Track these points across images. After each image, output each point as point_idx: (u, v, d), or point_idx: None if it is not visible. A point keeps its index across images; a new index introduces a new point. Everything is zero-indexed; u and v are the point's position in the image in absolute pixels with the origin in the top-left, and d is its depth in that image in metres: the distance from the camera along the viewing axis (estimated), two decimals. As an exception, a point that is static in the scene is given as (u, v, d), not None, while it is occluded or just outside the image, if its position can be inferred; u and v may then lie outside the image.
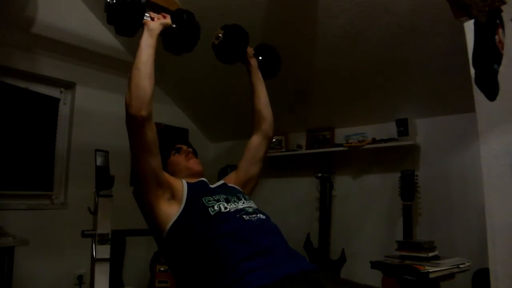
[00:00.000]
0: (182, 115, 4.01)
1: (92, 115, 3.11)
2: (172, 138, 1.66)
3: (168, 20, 1.43)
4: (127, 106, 1.24)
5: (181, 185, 1.34)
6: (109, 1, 1.32)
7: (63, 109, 3.11)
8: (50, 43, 2.90)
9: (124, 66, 3.43)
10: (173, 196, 1.31)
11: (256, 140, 1.63)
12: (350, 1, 2.28)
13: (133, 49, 3.63)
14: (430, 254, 2.07)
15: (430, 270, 1.89)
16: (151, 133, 1.25)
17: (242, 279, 1.07)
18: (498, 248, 1.55)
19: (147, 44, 1.35)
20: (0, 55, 2.66)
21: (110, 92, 3.32)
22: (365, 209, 3.17)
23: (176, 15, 1.48)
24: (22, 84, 2.87)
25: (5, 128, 2.77)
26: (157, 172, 1.27)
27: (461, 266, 2.00)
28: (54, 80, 3.01)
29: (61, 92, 3.11)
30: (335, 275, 2.86)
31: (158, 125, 4.07)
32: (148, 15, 1.40)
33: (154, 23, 1.38)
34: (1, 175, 2.71)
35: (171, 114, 3.86)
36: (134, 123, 1.22)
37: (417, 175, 2.79)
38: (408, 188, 2.74)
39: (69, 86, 3.13)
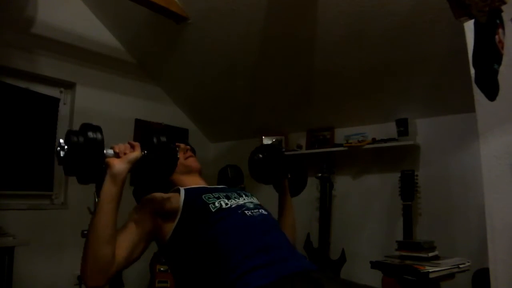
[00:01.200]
0: (182, 115, 4.01)
1: (92, 115, 3.11)
2: (170, 137, 1.62)
3: (137, 152, 1.14)
4: (83, 277, 1.04)
5: (178, 197, 1.29)
6: (58, 151, 1.04)
7: (63, 109, 3.11)
8: (50, 43, 2.90)
9: (124, 66, 3.44)
10: (170, 214, 1.25)
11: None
12: (350, 1, 2.28)
13: (133, 49, 3.65)
14: (430, 254, 2.07)
15: (430, 270, 1.89)
16: (118, 265, 1.11)
17: (243, 278, 1.07)
18: (498, 248, 1.55)
19: (109, 198, 1.08)
20: (0, 55, 2.66)
21: (110, 92, 3.32)
22: (365, 209, 3.16)
23: (145, 141, 1.18)
24: (22, 84, 2.87)
25: (5, 128, 2.77)
26: (148, 236, 1.20)
27: (461, 266, 2.00)
28: (54, 80, 3.01)
29: (61, 92, 3.11)
30: (336, 276, 2.86)
31: (158, 124, 4.07)
32: (111, 151, 1.12)
33: (120, 164, 1.09)
34: (1, 175, 2.70)
35: (171, 114, 3.86)
36: None
37: (417, 175, 2.79)
38: (408, 188, 2.74)
39: (69, 86, 3.13)
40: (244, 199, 1.35)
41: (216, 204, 1.26)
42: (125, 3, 2.54)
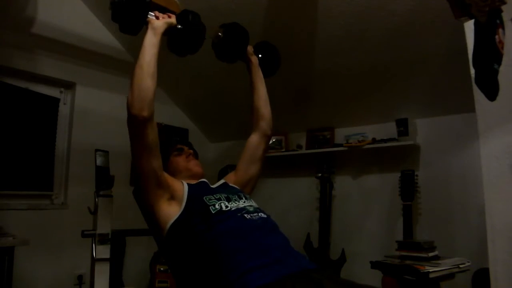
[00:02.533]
0: (182, 115, 4.01)
1: (92, 115, 3.11)
2: (173, 139, 1.66)
3: (173, 19, 1.41)
4: (129, 106, 1.23)
5: (182, 186, 1.34)
6: None
7: (63, 109, 3.11)
8: (50, 43, 2.90)
9: (124, 66, 3.43)
10: (173, 197, 1.30)
11: (254, 139, 1.63)
12: (350, 1, 2.28)
13: (133, 49, 3.66)
14: (430, 254, 2.07)
15: (430, 270, 1.89)
16: (153, 134, 1.26)
17: (242, 278, 1.07)
18: (498, 248, 1.55)
19: (151, 43, 1.32)
20: (0, 55, 2.66)
21: (110, 92, 3.32)
22: (365, 209, 3.17)
23: (181, 15, 1.46)
24: (22, 84, 2.86)
25: (5, 128, 2.77)
26: (157, 172, 1.27)
27: (461, 266, 2.00)
28: (54, 80, 3.01)
29: (61, 92, 3.11)
30: (336, 276, 2.86)
31: (158, 125, 4.06)
32: (153, 14, 1.39)
33: (159, 22, 1.36)
34: (1, 175, 2.71)
35: (171, 114, 3.86)
36: (136, 123, 1.23)
37: (417, 175, 2.79)
38: (408, 188, 2.74)
39: (69, 86, 3.12)
40: (244, 202, 1.35)
41: (217, 206, 1.27)
42: (125, 3, 2.54)
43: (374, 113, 3.12)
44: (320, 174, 3.21)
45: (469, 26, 1.43)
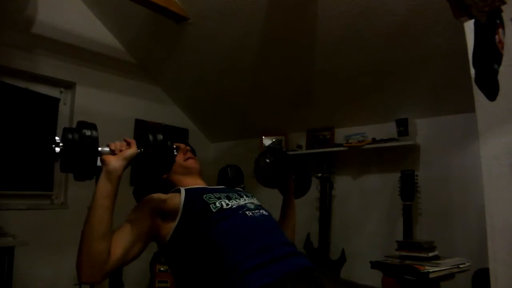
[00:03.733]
0: (182, 115, 4.01)
1: (92, 115, 3.10)
2: (170, 137, 1.61)
3: (133, 149, 1.13)
4: (77, 272, 1.04)
5: (178, 198, 1.28)
6: (53, 147, 1.04)
7: (63, 109, 3.11)
8: (50, 43, 2.90)
9: (124, 66, 3.44)
10: (170, 215, 1.25)
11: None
12: (350, 1, 2.28)
13: (133, 49, 3.65)
14: (430, 254, 2.07)
15: (430, 270, 1.89)
16: (114, 264, 1.10)
17: (243, 279, 1.07)
18: (498, 248, 1.55)
19: (104, 193, 1.09)
20: (0, 55, 2.66)
21: (110, 92, 3.32)
22: (365, 209, 3.17)
23: (140, 138, 1.20)
24: (22, 84, 2.87)
25: (5, 128, 2.77)
26: (145, 241, 1.20)
27: (461, 266, 2.00)
28: (54, 80, 3.01)
29: (61, 92, 3.11)
30: (336, 275, 2.86)
31: (158, 124, 4.07)
32: (107, 149, 1.12)
33: (115, 161, 1.09)
34: (1, 175, 2.70)
35: (171, 114, 3.86)
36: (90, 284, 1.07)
37: (417, 175, 2.79)
38: (408, 188, 2.74)
39: (69, 86, 3.13)
40: (245, 200, 1.35)
41: (217, 204, 1.26)
42: (125, 3, 2.54)
43: (374, 113, 3.12)
44: (320, 174, 3.21)
45: (469, 26, 1.43)
